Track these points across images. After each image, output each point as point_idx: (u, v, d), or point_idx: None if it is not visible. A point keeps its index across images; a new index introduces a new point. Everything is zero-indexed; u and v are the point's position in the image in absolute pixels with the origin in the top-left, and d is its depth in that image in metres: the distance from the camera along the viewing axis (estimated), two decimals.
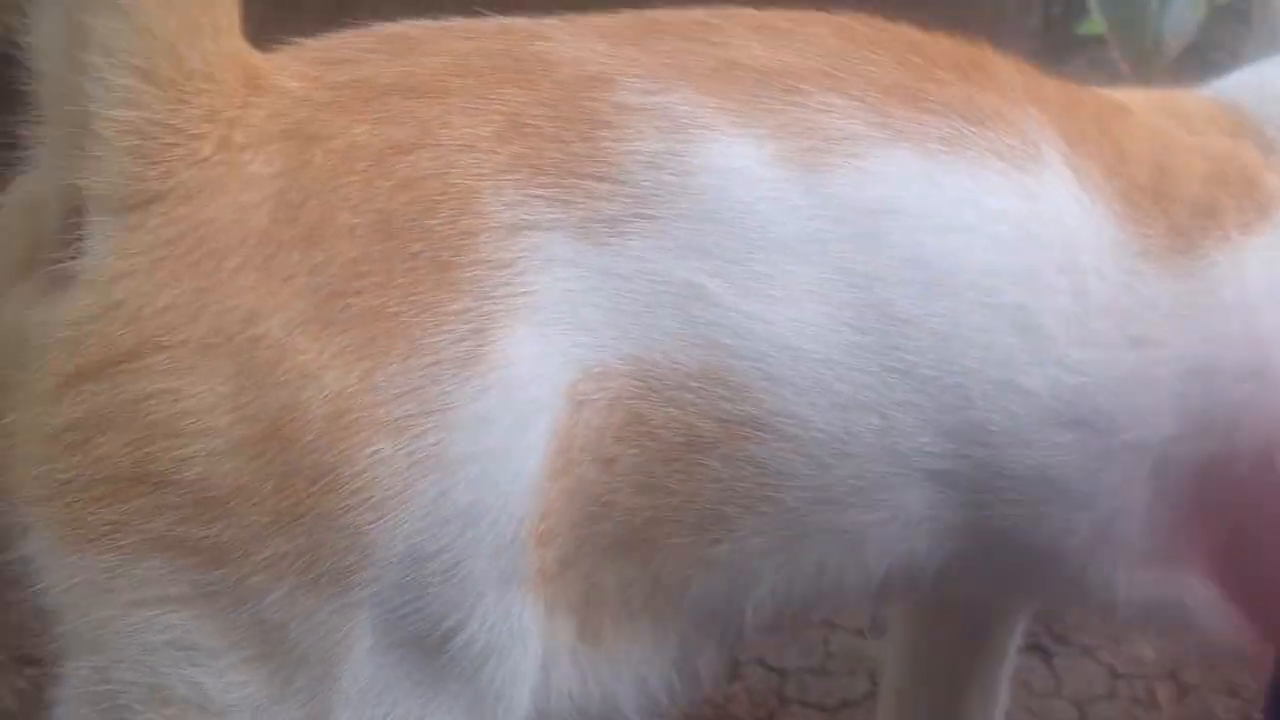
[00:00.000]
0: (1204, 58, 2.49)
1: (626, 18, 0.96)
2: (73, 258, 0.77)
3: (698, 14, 0.98)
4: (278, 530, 0.78)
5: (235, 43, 0.81)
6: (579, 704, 0.92)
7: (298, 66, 0.85)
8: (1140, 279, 0.99)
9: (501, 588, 0.84)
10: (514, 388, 0.82)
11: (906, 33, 1.02)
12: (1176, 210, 1.01)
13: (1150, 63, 2.11)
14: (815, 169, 0.90)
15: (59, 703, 0.83)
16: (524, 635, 0.86)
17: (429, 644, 0.82)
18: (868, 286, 0.92)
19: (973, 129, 0.96)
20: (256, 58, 0.83)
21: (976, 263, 0.93)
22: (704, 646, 0.99)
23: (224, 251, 0.77)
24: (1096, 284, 0.97)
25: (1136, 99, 1.14)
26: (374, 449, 0.78)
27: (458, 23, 0.91)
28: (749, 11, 1.00)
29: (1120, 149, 1.01)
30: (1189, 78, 1.30)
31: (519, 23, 0.93)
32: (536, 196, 0.84)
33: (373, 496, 0.78)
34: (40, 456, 0.78)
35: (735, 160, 0.89)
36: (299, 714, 0.81)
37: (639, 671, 0.95)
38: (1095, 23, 2.36)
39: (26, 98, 0.80)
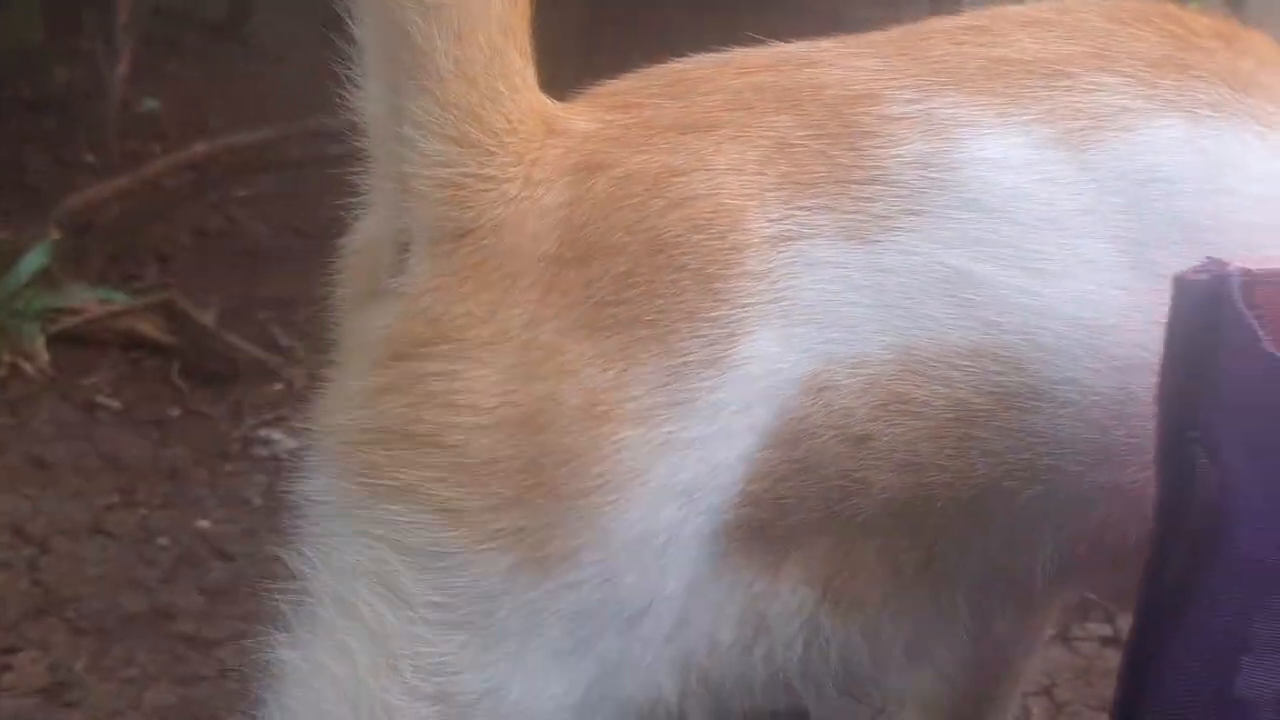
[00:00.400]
0: None
1: (901, 31, 1.02)
2: (397, 278, 0.87)
3: (968, 18, 1.04)
4: (519, 504, 0.84)
5: (533, 96, 0.89)
6: (809, 668, 0.97)
7: (589, 111, 0.93)
8: None
9: (700, 556, 0.90)
10: (745, 381, 0.88)
11: (1167, 8, 1.05)
12: None
13: None
14: (1086, 146, 0.95)
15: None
16: (719, 599, 0.93)
17: (618, 623, 0.88)
18: (1138, 251, 0.95)
19: (1238, 94, 1.00)
20: (553, 106, 0.91)
21: (1240, 221, 0.97)
22: (998, 609, 1.05)
23: (518, 273, 0.86)
24: None
25: None
26: (619, 437, 0.85)
27: (737, 55, 0.98)
28: (1018, 8, 1.04)
29: None
30: None
31: (793, 50, 0.99)
32: (801, 209, 0.90)
33: (613, 480, 0.85)
34: (339, 410, 0.88)
35: (1001, 150, 0.94)
36: (477, 686, 0.87)
37: (919, 636, 1.01)
38: None
39: None
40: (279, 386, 1.85)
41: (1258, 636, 0.88)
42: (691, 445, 0.87)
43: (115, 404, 1.81)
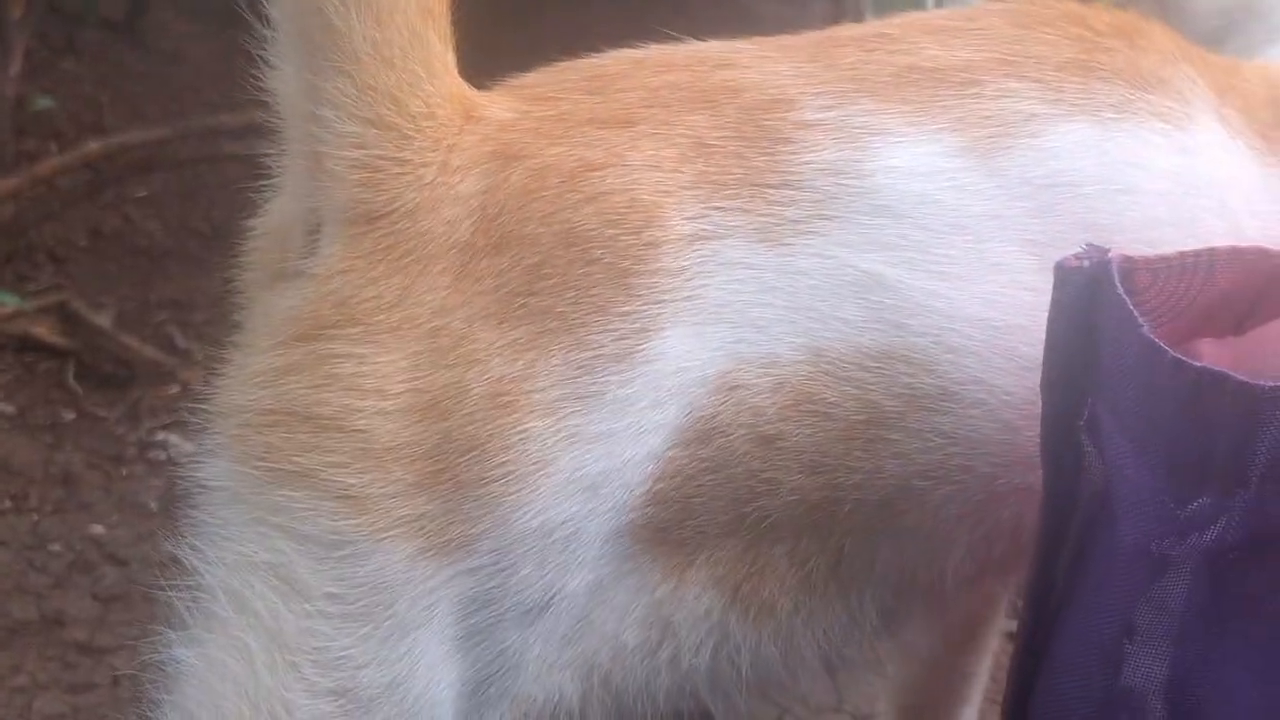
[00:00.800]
0: None
1: (814, 36, 1.04)
2: (307, 259, 0.88)
3: (879, 25, 1.08)
4: (421, 491, 0.85)
5: (452, 82, 0.91)
6: (716, 675, 0.99)
7: (508, 101, 0.94)
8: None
9: (604, 554, 0.91)
10: (656, 377, 0.89)
11: (1071, 8, 1.08)
12: (1241, 126, 1.10)
13: None
14: (994, 153, 0.98)
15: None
16: (623, 601, 0.93)
17: (515, 616, 0.89)
18: (1045, 252, 0.96)
19: (1139, 90, 1.04)
20: (472, 93, 0.92)
21: (1145, 218, 1.00)
22: (907, 611, 1.06)
23: (430, 259, 0.87)
24: (1249, 220, 1.05)
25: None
26: (524, 427, 0.86)
27: (654, 52, 1.00)
28: (927, 15, 1.08)
29: (1245, 95, 1.10)
30: None
31: (709, 50, 1.01)
32: (716, 209, 0.91)
33: (516, 470, 0.85)
34: (238, 390, 0.87)
35: (911, 158, 0.96)
36: (380, 680, 0.87)
37: (827, 643, 1.01)
38: None
39: None
40: (176, 389, 1.85)
41: (1140, 624, 0.89)
42: (598, 439, 0.88)
43: (8, 408, 1.80)
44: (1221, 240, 0.96)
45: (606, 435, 0.88)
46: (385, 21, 0.86)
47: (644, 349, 0.89)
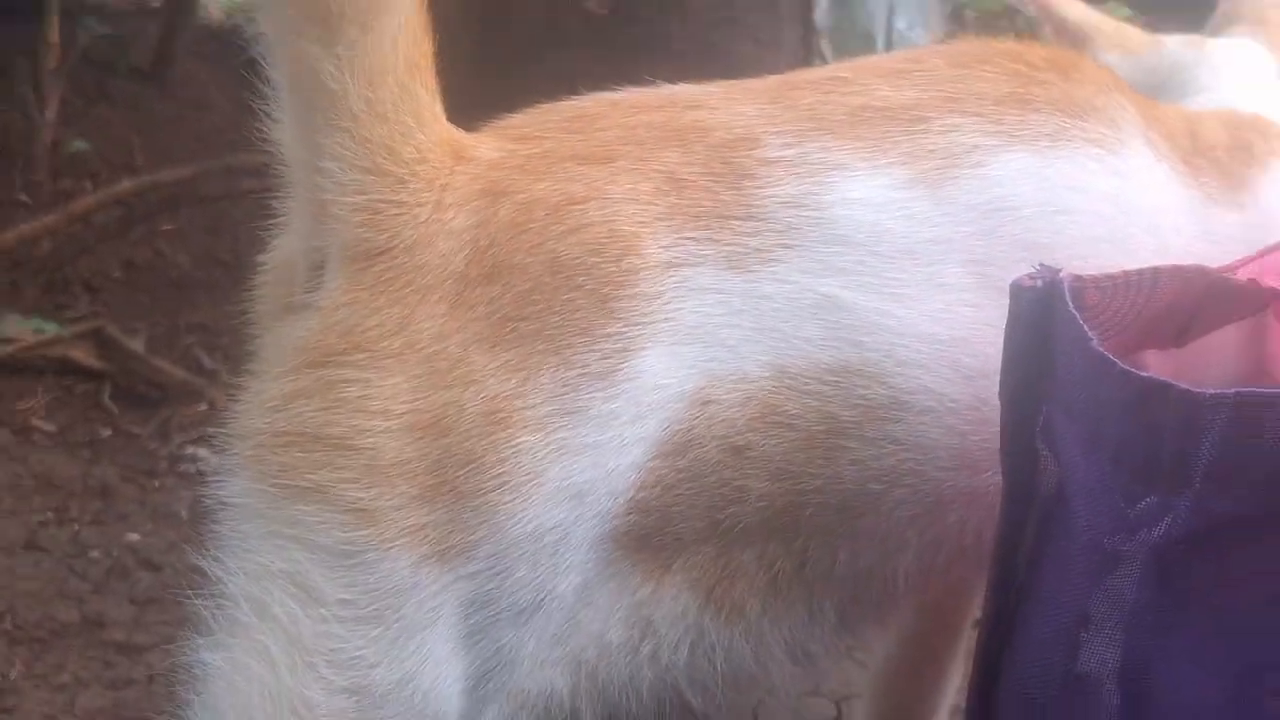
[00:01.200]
0: None
1: (775, 80, 1.06)
2: (314, 293, 0.89)
3: (833, 69, 1.11)
4: (424, 503, 0.85)
5: (441, 127, 0.91)
6: (694, 670, 0.99)
7: (494, 141, 0.95)
8: (1212, 222, 1.10)
9: (589, 558, 0.92)
10: (638, 390, 0.90)
11: (1008, 47, 1.10)
12: (1219, 156, 1.13)
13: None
14: (941, 183, 0.99)
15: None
16: (607, 602, 0.94)
17: (511, 615, 0.90)
18: (986, 271, 0.99)
19: (1073, 120, 1.05)
20: (462, 135, 0.93)
21: (1082, 237, 1.02)
22: (864, 610, 1.06)
23: (428, 289, 0.87)
24: (1174, 238, 1.06)
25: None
26: (517, 441, 0.86)
27: (630, 94, 1.01)
28: (876, 59, 1.10)
29: (1168, 124, 1.11)
30: None
31: (680, 92, 1.02)
32: (688, 238, 0.93)
33: (510, 481, 0.86)
34: (254, 415, 0.88)
35: (865, 190, 0.98)
36: (390, 678, 0.88)
37: (794, 640, 1.01)
38: None
39: None
40: (204, 407, 1.84)
41: (1095, 614, 0.89)
42: (584, 451, 0.89)
43: (49, 426, 1.80)
44: (1151, 256, 0.99)
45: (592, 447, 0.89)
46: (377, 81, 0.87)
47: (625, 368, 0.90)
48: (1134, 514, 0.87)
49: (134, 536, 1.63)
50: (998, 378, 0.96)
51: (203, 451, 1.76)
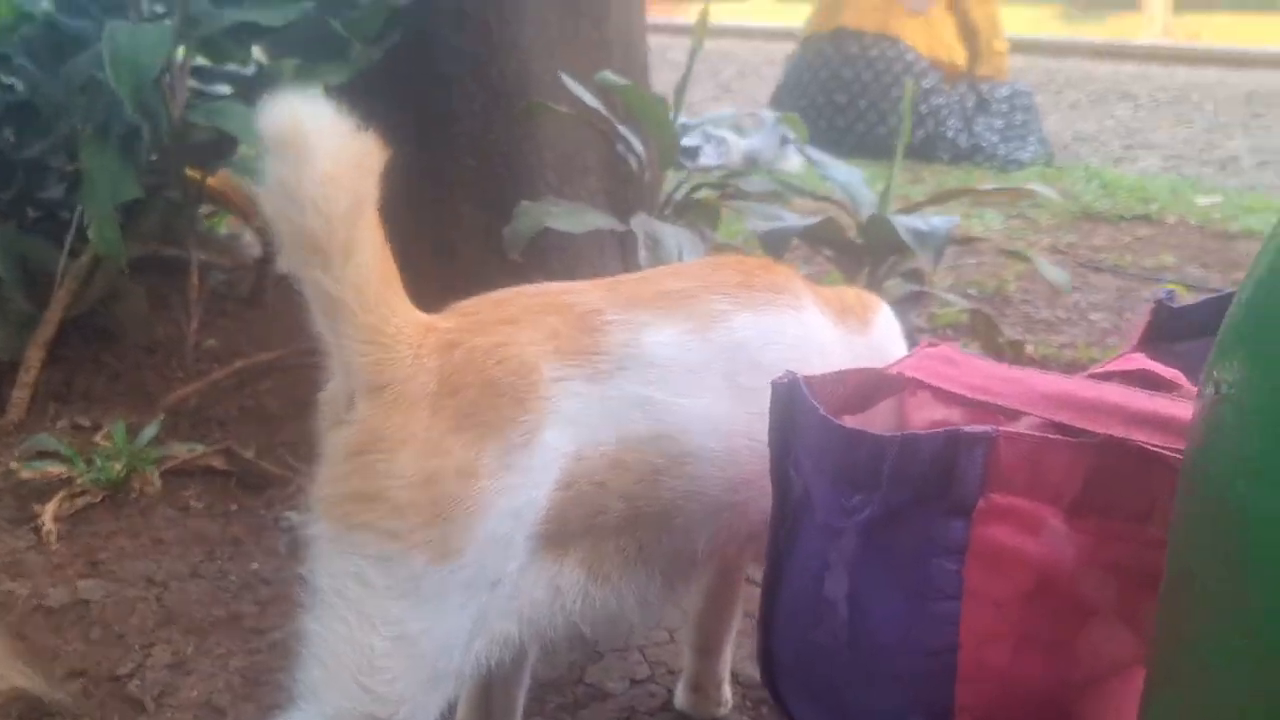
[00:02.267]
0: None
1: (607, 280, 1.06)
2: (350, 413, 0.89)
3: (641, 274, 1.11)
4: (429, 526, 0.86)
5: (412, 312, 0.91)
6: (585, 615, 0.98)
7: (449, 318, 0.94)
8: (848, 345, 1.13)
9: (524, 550, 0.92)
10: (542, 452, 0.90)
11: (738, 259, 1.14)
12: (853, 310, 1.16)
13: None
14: (707, 331, 1.01)
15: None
16: (535, 576, 0.94)
17: (485, 587, 0.90)
18: (734, 379, 1.01)
19: (775, 295, 1.08)
20: (426, 316, 0.93)
21: (783, 359, 1.02)
22: (679, 575, 1.06)
23: (416, 403, 0.87)
24: (834, 357, 1.08)
25: None
26: (479, 485, 0.87)
27: (529, 288, 1.01)
28: (668, 266, 1.16)
29: (824, 295, 1.14)
30: None
31: (555, 286, 1.02)
32: (566, 364, 0.93)
33: (477, 509, 0.87)
34: (325, 485, 0.89)
35: (664, 336, 0.98)
36: (417, 628, 0.87)
37: (640, 595, 1.02)
38: None
39: None
40: (292, 489, 1.87)
41: (831, 561, 0.92)
42: (518, 489, 0.89)
43: (200, 505, 1.84)
44: (821, 367, 1.03)
45: (522, 486, 0.89)
46: (364, 290, 0.86)
47: (535, 440, 0.90)
48: (849, 507, 0.91)
49: (255, 565, 1.68)
50: (742, 438, 1.00)
51: (292, 514, 1.80)
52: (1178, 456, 0.76)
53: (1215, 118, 6.60)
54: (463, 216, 2.28)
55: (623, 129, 2.05)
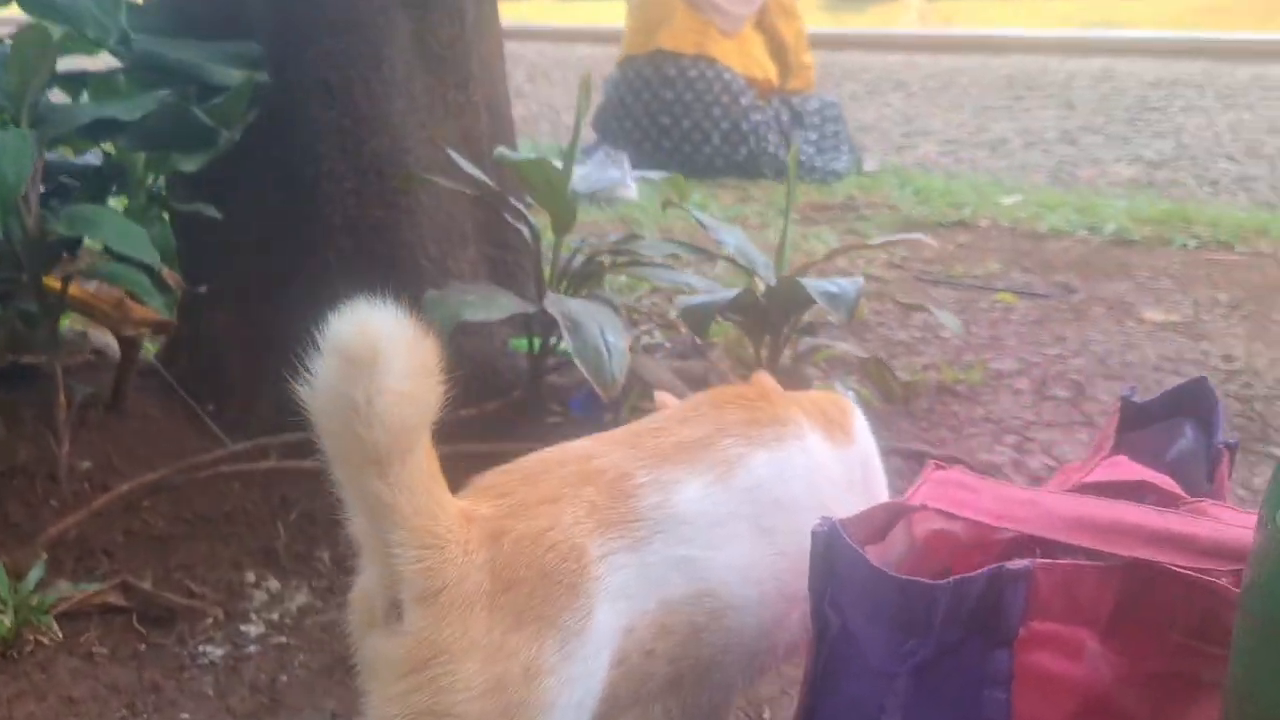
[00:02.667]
0: None
1: (625, 431, 1.08)
2: (397, 621, 0.88)
3: (657, 421, 1.11)
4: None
5: (455, 506, 0.90)
6: None
7: (485, 501, 0.93)
8: (842, 460, 1.16)
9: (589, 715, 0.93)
10: (597, 635, 0.91)
11: (735, 391, 1.15)
12: (836, 420, 1.18)
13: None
14: (728, 479, 1.04)
15: None
16: None
17: None
18: (759, 523, 1.03)
19: (781, 428, 1.10)
20: (465, 505, 0.91)
21: (797, 493, 1.07)
22: (713, 712, 1.08)
23: (472, 605, 0.87)
24: (833, 474, 1.13)
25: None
26: (544, 683, 0.87)
27: (552, 453, 1.02)
28: (674, 411, 1.13)
29: (811, 409, 1.17)
30: None
31: (580, 448, 1.03)
32: (608, 539, 0.94)
33: (546, 704, 0.88)
34: (383, 706, 0.88)
35: (691, 492, 1.00)
36: None
37: None
38: None
39: None
40: (203, 620, 1.78)
41: (888, 704, 0.92)
42: (579, 680, 0.91)
43: (104, 650, 1.71)
44: (831, 493, 1.10)
45: (583, 675, 0.91)
46: (416, 492, 0.85)
47: (590, 623, 0.91)
48: (903, 651, 0.92)
49: (185, 716, 1.59)
50: (771, 580, 1.03)
51: (210, 648, 1.70)
52: (1193, 572, 0.85)
53: (981, 102, 7.10)
54: (341, 299, 2.21)
55: (513, 200, 2.03)
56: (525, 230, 1.95)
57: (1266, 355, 2.89)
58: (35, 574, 1.74)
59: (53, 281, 1.80)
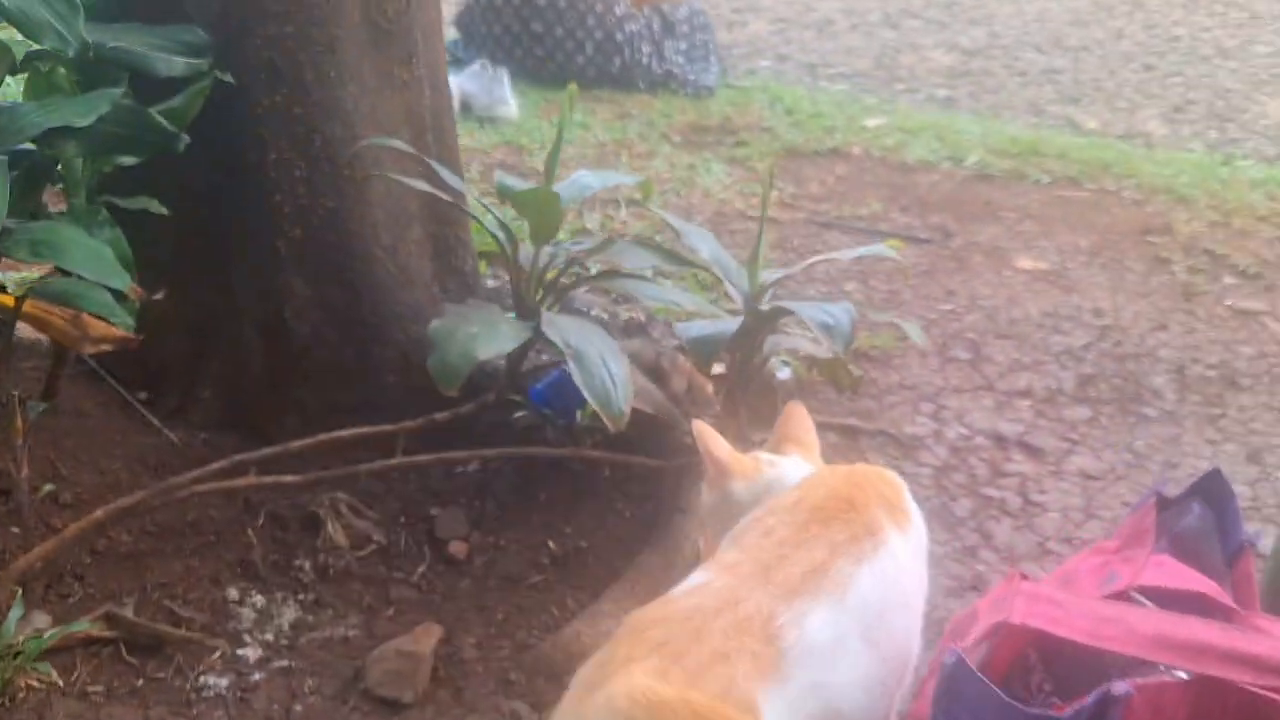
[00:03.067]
0: None
1: (750, 561, 1.13)
2: None
3: (777, 550, 1.15)
4: None
5: None
6: None
7: (652, 663, 1.00)
8: (910, 543, 1.23)
9: None
10: None
11: (831, 495, 1.21)
12: (897, 511, 1.25)
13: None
14: (843, 600, 1.11)
15: None
16: None
17: None
18: (867, 636, 1.10)
19: (872, 537, 1.18)
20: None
21: (892, 600, 1.15)
22: None
23: None
24: (904, 563, 1.21)
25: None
26: None
27: (696, 594, 1.10)
28: (789, 525, 1.17)
29: (882, 496, 1.24)
30: None
31: (721, 593, 1.08)
32: (768, 685, 1.01)
33: None
34: None
35: (819, 619, 1.08)
36: None
37: None
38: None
39: None
40: (198, 646, 1.75)
41: None
42: None
43: (98, 689, 1.67)
44: (911, 587, 1.19)
45: None
46: None
47: None
48: None
49: None
50: (880, 688, 1.11)
51: (212, 679, 1.69)
52: (1258, 688, 0.99)
53: None
54: (293, 290, 2.14)
55: (494, 210, 2.01)
56: (503, 235, 1.93)
57: (1130, 309, 3.17)
58: (15, 613, 1.66)
59: (4, 298, 1.68)
